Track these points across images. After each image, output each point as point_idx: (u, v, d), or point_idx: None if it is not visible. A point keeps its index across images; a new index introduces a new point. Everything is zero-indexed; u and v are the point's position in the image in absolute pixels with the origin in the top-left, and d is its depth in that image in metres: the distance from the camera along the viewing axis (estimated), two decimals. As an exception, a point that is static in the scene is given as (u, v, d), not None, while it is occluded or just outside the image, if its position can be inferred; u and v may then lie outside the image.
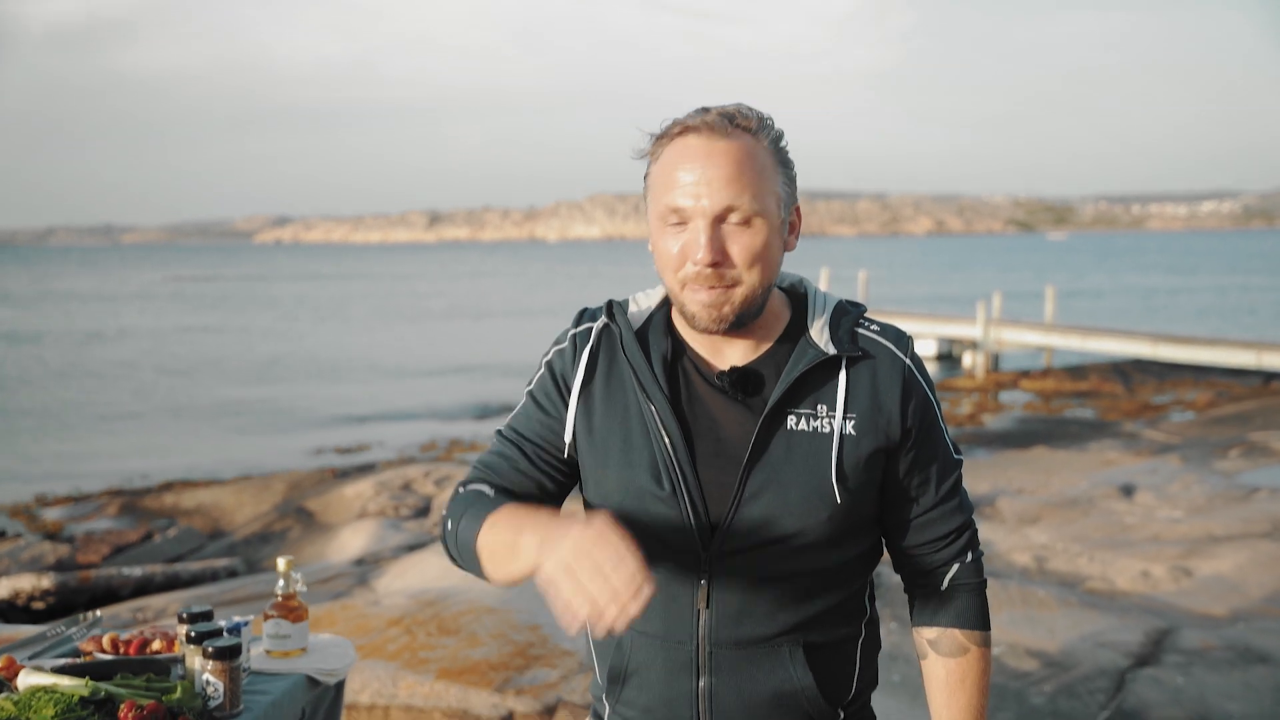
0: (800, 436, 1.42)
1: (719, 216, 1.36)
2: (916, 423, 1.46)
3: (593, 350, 1.50)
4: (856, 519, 1.46)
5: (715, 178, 1.36)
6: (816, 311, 1.49)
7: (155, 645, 1.91)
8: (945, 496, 1.51)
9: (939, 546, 1.52)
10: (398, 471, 10.30)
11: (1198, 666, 4.61)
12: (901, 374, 1.46)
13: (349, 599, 5.57)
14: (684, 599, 1.44)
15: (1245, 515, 7.52)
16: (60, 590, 5.70)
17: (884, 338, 1.49)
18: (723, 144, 1.37)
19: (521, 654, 4.30)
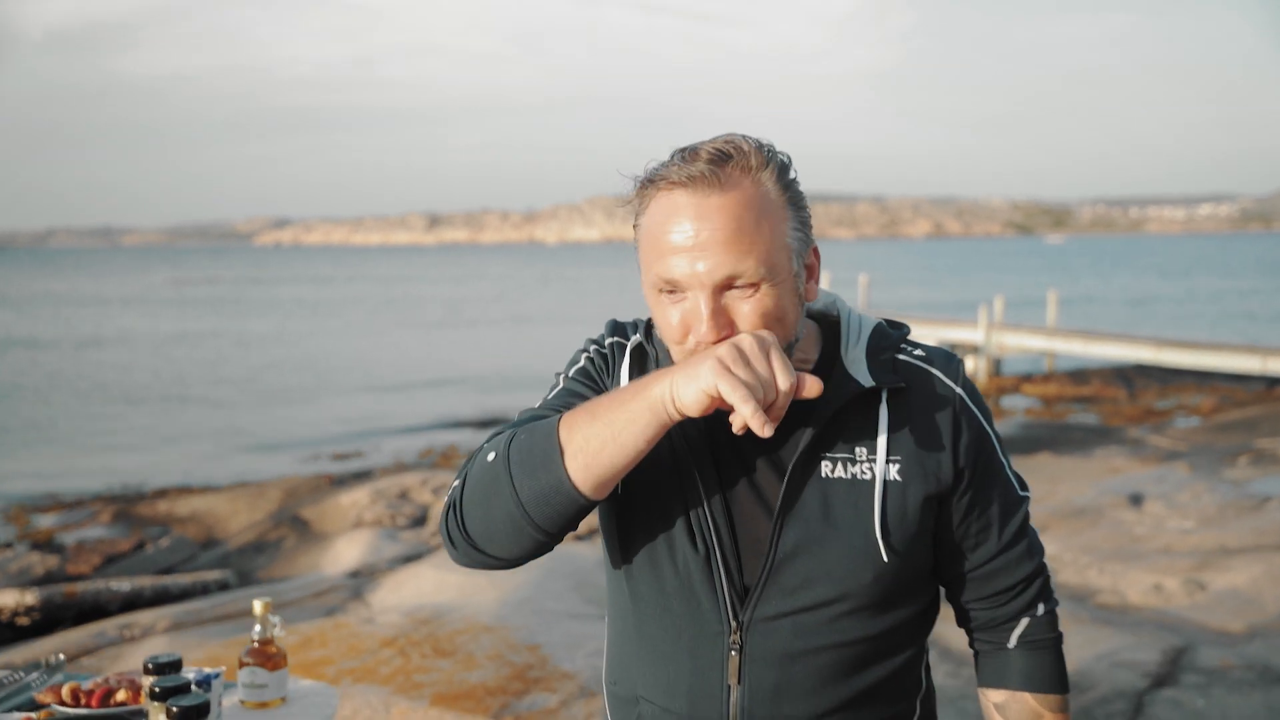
0: (838, 486, 1.24)
1: (720, 286, 1.18)
2: (971, 460, 1.28)
3: (630, 367, 1.34)
4: (907, 577, 1.28)
5: (711, 242, 1.17)
6: (851, 338, 1.32)
7: (120, 696, 1.76)
8: (1010, 541, 1.32)
9: (1005, 599, 1.34)
10: (394, 479, 10.17)
11: (1218, 687, 4.47)
12: (952, 405, 1.29)
13: (342, 614, 5.43)
14: (712, 673, 1.26)
15: (1258, 526, 7.38)
16: (45, 606, 5.54)
17: (930, 363, 1.31)
18: (717, 200, 1.17)
19: (520, 677, 4.14)
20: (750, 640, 1.25)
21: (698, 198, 1.18)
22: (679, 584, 1.26)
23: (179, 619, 5.51)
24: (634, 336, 1.37)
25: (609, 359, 1.37)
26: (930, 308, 32.18)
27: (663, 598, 1.28)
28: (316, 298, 54.09)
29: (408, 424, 15.85)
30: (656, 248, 1.20)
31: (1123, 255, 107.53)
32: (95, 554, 8.21)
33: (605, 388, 1.34)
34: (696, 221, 1.17)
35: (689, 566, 1.25)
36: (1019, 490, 1.35)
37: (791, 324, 1.23)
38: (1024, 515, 1.34)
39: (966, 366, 1.35)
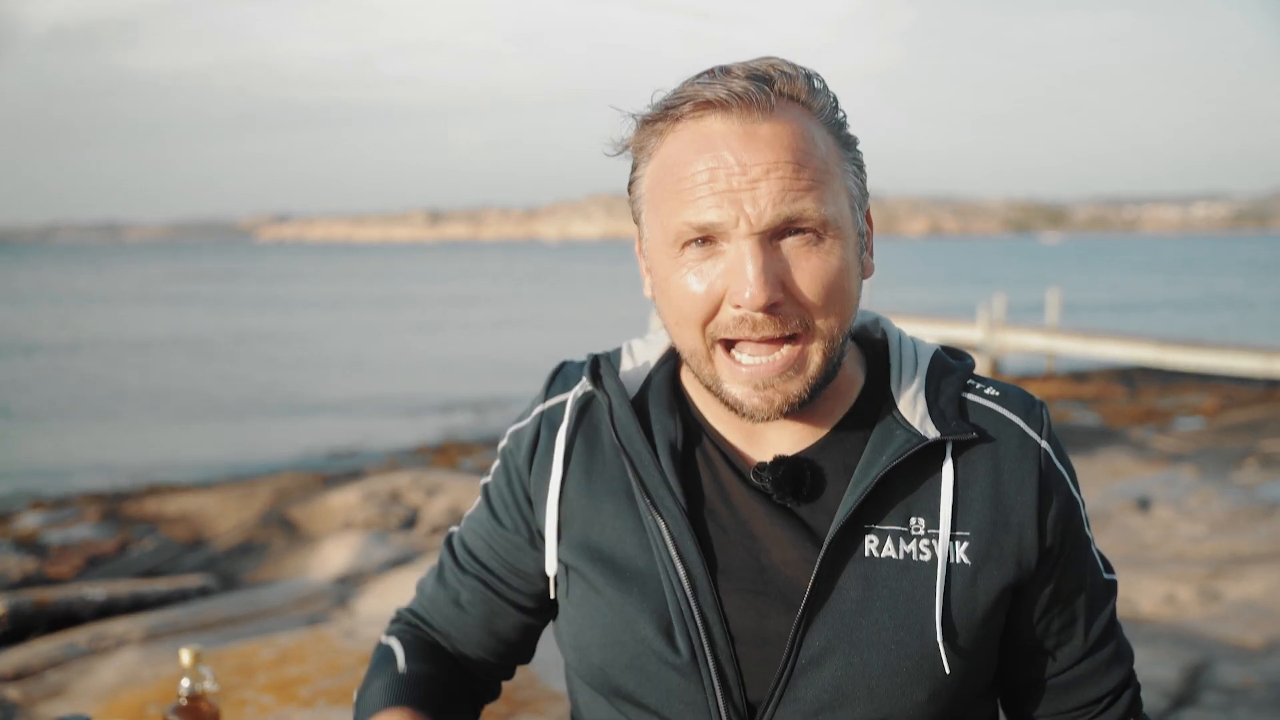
0: (887, 569, 0.94)
1: (774, 231, 0.90)
2: (1060, 537, 0.99)
3: (569, 433, 1.02)
4: (970, 692, 0.98)
5: (764, 174, 0.88)
6: (905, 369, 1.01)
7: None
8: (1098, 643, 1.03)
9: (1088, 715, 1.04)
10: (386, 479, 10.00)
11: (1241, 707, 4.28)
12: (1037, 464, 0.98)
13: (324, 625, 5.23)
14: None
15: (1271, 533, 7.21)
16: (14, 615, 5.33)
17: (1008, 408, 1.00)
18: (768, 125, 0.89)
19: (507, 699, 3.93)
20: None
21: (744, 123, 0.89)
22: (656, 704, 0.96)
23: (155, 629, 5.30)
24: (573, 391, 1.05)
25: (537, 436, 1.05)
26: (929, 307, 32.05)
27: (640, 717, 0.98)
28: (316, 295, 54.00)
29: (402, 420, 15.72)
30: (682, 190, 0.91)
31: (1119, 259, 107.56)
32: (77, 555, 8.05)
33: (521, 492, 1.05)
34: (743, 152, 0.88)
35: (669, 680, 0.95)
36: (1105, 573, 1.06)
37: (852, 304, 0.95)
38: (1112, 608, 1.06)
39: None
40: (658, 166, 0.95)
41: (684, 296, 0.92)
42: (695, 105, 0.91)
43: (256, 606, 5.84)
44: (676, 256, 0.93)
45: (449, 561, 1.10)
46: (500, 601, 1.06)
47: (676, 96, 0.93)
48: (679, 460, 0.98)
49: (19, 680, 4.51)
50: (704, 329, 0.92)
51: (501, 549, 1.07)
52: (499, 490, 1.08)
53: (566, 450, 1.02)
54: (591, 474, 1.02)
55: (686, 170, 0.91)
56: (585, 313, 37.29)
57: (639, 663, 0.95)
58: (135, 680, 4.38)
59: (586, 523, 1.00)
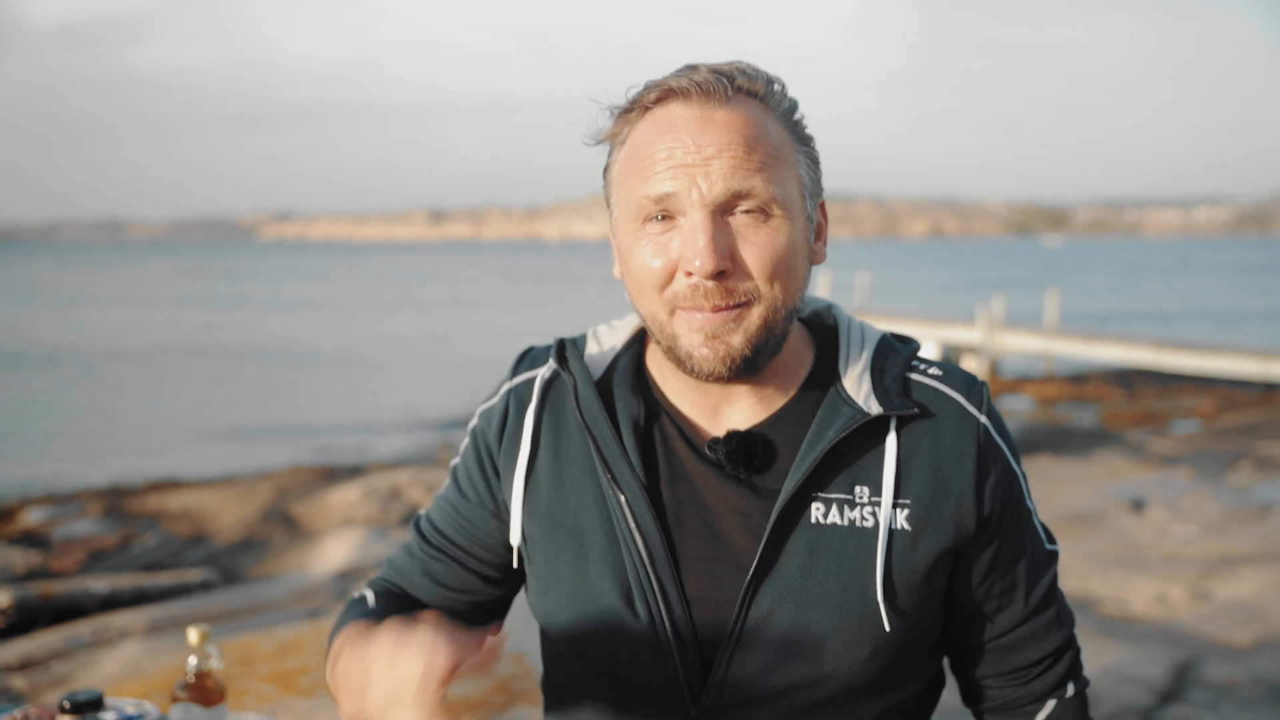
0: (832, 535, 1.00)
1: (723, 206, 0.97)
2: (999, 506, 1.04)
3: (538, 410, 1.08)
4: (911, 651, 1.04)
5: (717, 153, 0.96)
6: (852, 350, 1.08)
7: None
8: (1038, 607, 1.08)
9: (1029, 676, 1.10)
10: (386, 476, 10.06)
11: (1226, 704, 4.34)
12: (976, 438, 1.04)
13: (325, 618, 5.30)
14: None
15: (1263, 534, 7.26)
16: (20, 607, 5.40)
17: (949, 385, 1.06)
18: (723, 112, 0.97)
19: (503, 690, 4.00)
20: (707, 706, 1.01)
21: (702, 109, 0.98)
22: (619, 663, 1.03)
23: (157, 621, 5.37)
24: (540, 370, 1.12)
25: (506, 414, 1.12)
26: (928, 307, 32.07)
27: (599, 679, 1.04)
28: (318, 293, 54.02)
29: (402, 418, 15.77)
30: (644, 167, 0.99)
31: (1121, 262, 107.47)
32: (80, 550, 8.09)
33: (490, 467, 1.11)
34: (699, 134, 0.97)
35: (630, 641, 1.01)
36: (1047, 543, 1.12)
37: (799, 279, 1.02)
38: (1053, 575, 1.12)
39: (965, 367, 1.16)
40: (627, 151, 1.02)
41: (644, 268, 1.00)
42: (661, 93, 0.99)
43: (257, 600, 5.90)
44: (638, 231, 1.00)
45: (417, 540, 1.16)
46: (468, 574, 1.12)
47: (646, 87, 1.01)
48: (640, 437, 1.04)
49: (25, 670, 4.58)
50: (661, 294, 0.99)
51: (469, 523, 1.13)
52: (467, 467, 1.13)
53: (535, 427, 1.08)
54: (557, 451, 1.07)
55: (649, 150, 0.98)
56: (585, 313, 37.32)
57: (602, 627, 1.01)
58: (138, 671, 4.45)
59: (551, 497, 1.06)
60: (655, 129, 0.99)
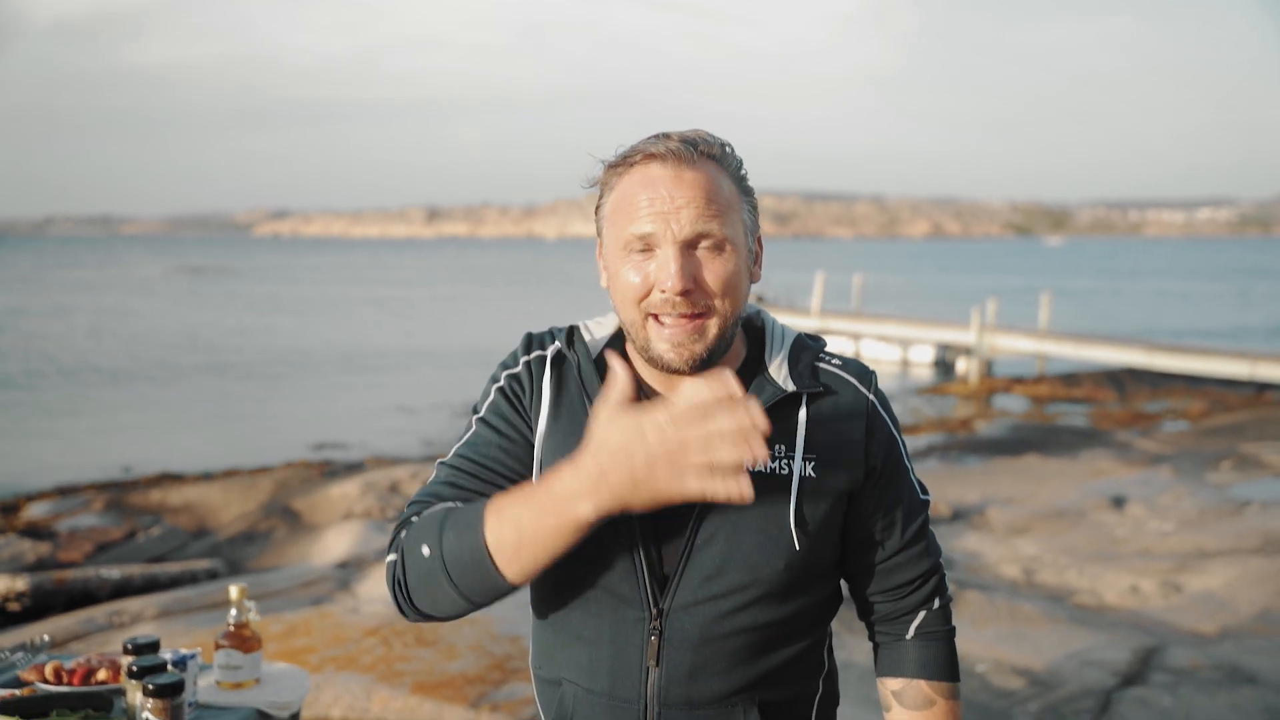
0: (756, 479, 1.27)
1: (689, 242, 1.30)
2: (881, 461, 1.39)
3: (551, 380, 1.41)
4: (816, 566, 1.37)
5: (685, 204, 1.29)
6: (775, 345, 1.42)
7: (101, 675, 1.84)
8: (911, 540, 1.43)
9: (904, 593, 1.45)
10: (385, 472, 10.23)
11: (1185, 686, 4.56)
12: (865, 410, 1.39)
13: (329, 604, 5.50)
14: (632, 656, 1.35)
15: (1236, 530, 7.48)
16: (36, 592, 5.61)
17: (847, 372, 1.42)
18: (690, 172, 1.31)
19: (499, 667, 4.22)
20: (668, 625, 1.33)
21: (675, 169, 1.30)
22: (600, 574, 1.34)
23: (167, 607, 5.59)
24: (552, 345, 1.44)
25: (530, 378, 1.42)
26: (926, 308, 32.29)
27: (584, 587, 1.35)
28: (314, 290, 54.12)
29: (400, 415, 15.92)
30: (631, 211, 1.31)
31: (1121, 260, 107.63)
32: (87, 542, 8.24)
33: (524, 414, 1.40)
34: (673, 188, 1.29)
35: (610, 557, 1.33)
36: (920, 494, 1.45)
37: (743, 295, 1.35)
38: (925, 517, 1.45)
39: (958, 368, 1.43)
40: (617, 196, 1.35)
41: (627, 284, 1.33)
42: (644, 156, 1.32)
43: (263, 588, 6.11)
44: (624, 257, 1.33)
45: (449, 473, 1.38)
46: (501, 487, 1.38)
47: (632, 150, 1.34)
48: None
49: (43, 651, 4.78)
50: (639, 305, 1.32)
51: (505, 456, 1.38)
52: (501, 412, 1.40)
53: (551, 393, 1.40)
54: (560, 410, 1.39)
55: (635, 199, 1.31)
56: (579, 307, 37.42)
57: (590, 544, 1.26)
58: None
59: (557, 442, 1.36)
60: (639, 183, 1.32)
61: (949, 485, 9.37)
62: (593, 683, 1.37)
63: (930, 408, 15.88)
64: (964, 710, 4.25)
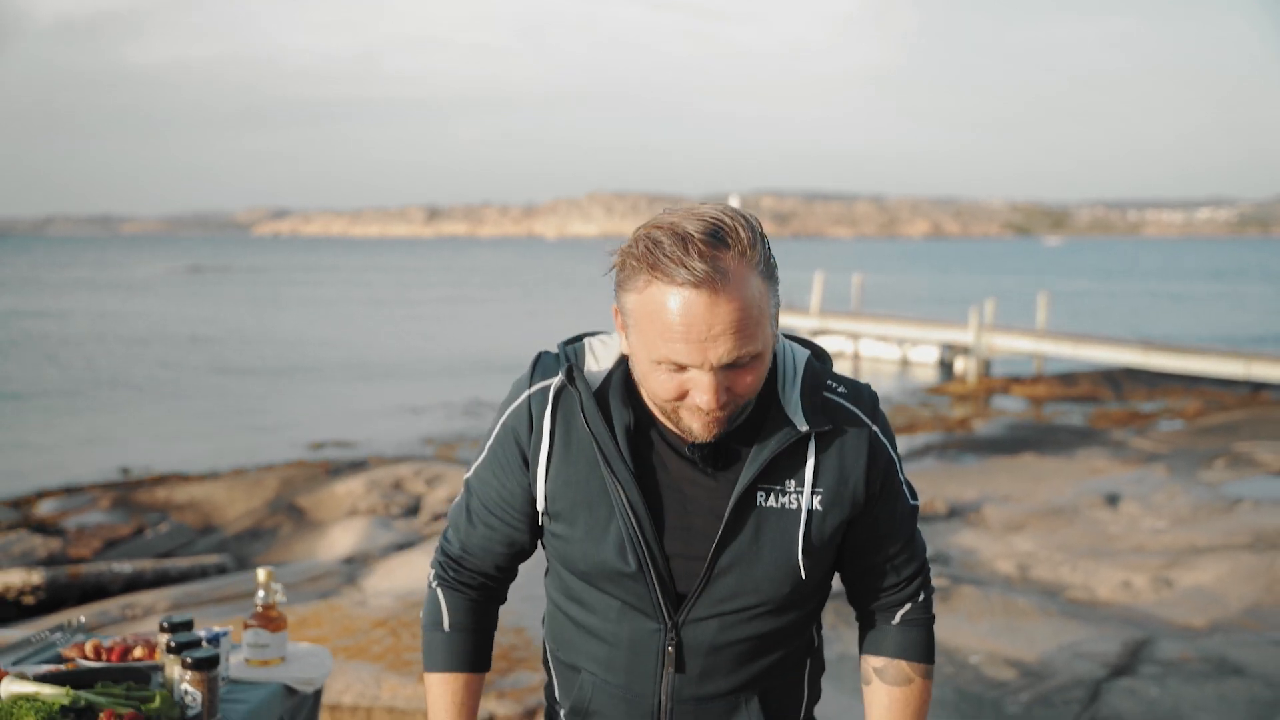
0: (769, 514, 1.41)
1: (725, 366, 1.31)
2: (880, 485, 1.47)
3: (552, 413, 1.45)
4: (816, 582, 1.49)
5: (721, 335, 1.27)
6: (788, 378, 1.44)
7: (137, 652, 1.95)
8: (901, 549, 1.53)
9: (895, 590, 1.55)
10: (389, 470, 10.32)
11: (1173, 678, 4.67)
12: (868, 442, 1.45)
13: (336, 598, 5.61)
14: (648, 659, 1.46)
15: (1228, 527, 7.59)
16: (50, 586, 5.73)
17: (852, 402, 1.47)
18: (724, 299, 1.26)
19: (504, 657, 4.34)
20: (683, 635, 1.44)
21: (704, 296, 1.26)
22: (619, 595, 1.44)
23: (178, 600, 5.70)
24: (555, 379, 1.46)
25: (530, 415, 1.45)
26: (925, 306, 32.40)
27: (605, 601, 1.47)
28: (315, 289, 54.20)
29: (402, 414, 16.02)
30: (660, 335, 1.28)
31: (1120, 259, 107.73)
32: (96, 538, 8.34)
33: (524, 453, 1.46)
34: (705, 320, 1.26)
35: (627, 585, 1.43)
36: (910, 500, 1.54)
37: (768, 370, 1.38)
38: (914, 524, 1.55)
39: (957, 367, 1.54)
40: (645, 301, 1.29)
41: (659, 387, 1.33)
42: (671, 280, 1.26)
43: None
44: (655, 365, 1.32)
45: (471, 504, 1.54)
46: (508, 529, 1.53)
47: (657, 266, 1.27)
48: (632, 439, 1.41)
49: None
50: (672, 402, 1.34)
51: (506, 497, 1.50)
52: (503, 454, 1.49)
53: (550, 428, 1.44)
54: (569, 445, 1.43)
55: (667, 319, 1.27)
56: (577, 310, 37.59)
57: (605, 571, 1.42)
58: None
59: (565, 478, 1.42)
60: (666, 304, 1.27)
61: (946, 484, 9.48)
62: (610, 675, 1.48)
63: (928, 407, 15.99)
64: (957, 699, 4.40)
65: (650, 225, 1.31)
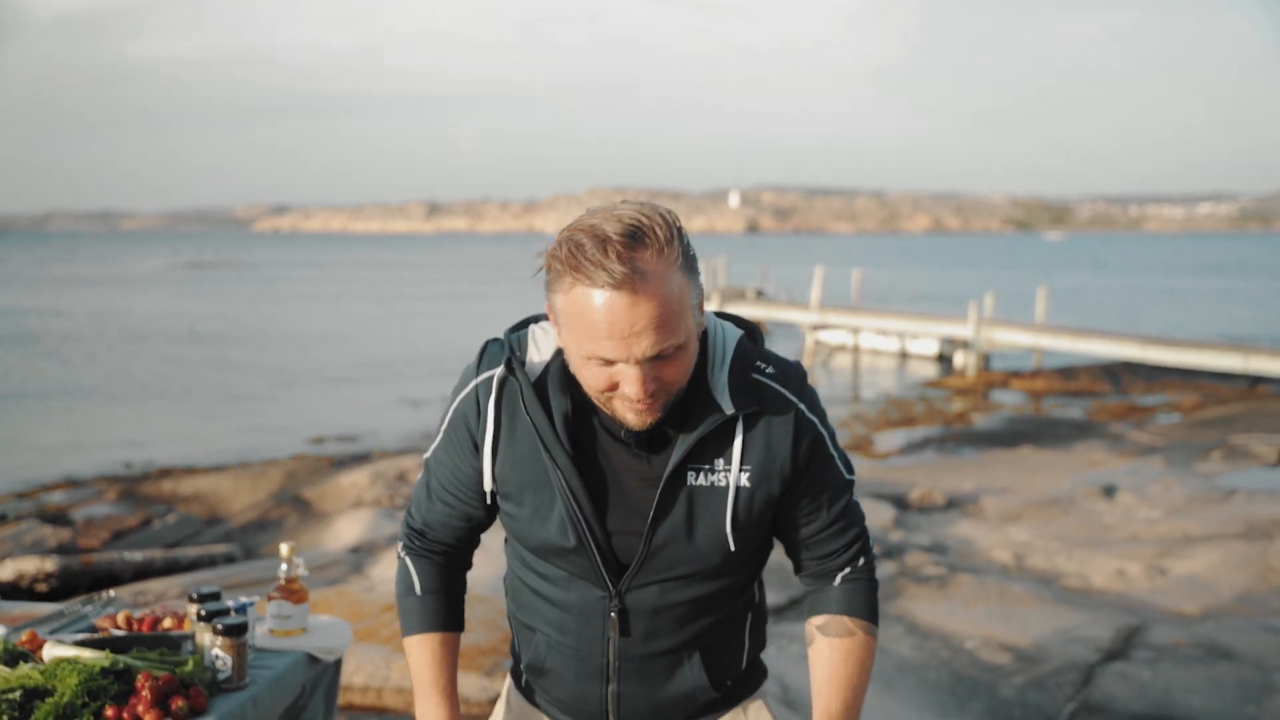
0: (700, 491, 1.50)
1: (650, 358, 1.37)
2: (806, 460, 1.53)
3: (496, 402, 1.52)
4: (750, 551, 1.58)
5: (644, 328, 1.34)
6: (717, 361, 1.51)
7: (166, 623, 2.06)
8: (836, 518, 1.59)
9: (832, 558, 1.62)
10: (392, 462, 10.42)
11: (1165, 662, 4.77)
12: (794, 419, 1.51)
13: (344, 585, 5.72)
14: (595, 622, 1.56)
15: (1222, 517, 7.69)
16: (63, 573, 5.84)
17: (779, 382, 1.53)
18: (644, 297, 1.33)
19: (509, 640, 4.44)
20: (626, 601, 1.55)
21: (625, 296, 1.32)
22: (566, 567, 1.55)
23: (188, 588, 5.80)
24: (497, 370, 1.53)
25: (476, 403, 1.54)
26: (924, 301, 32.49)
27: (554, 571, 1.57)
28: (316, 284, 54.28)
29: (403, 408, 16.12)
30: (586, 333, 1.35)
31: (1121, 254, 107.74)
32: (104, 529, 8.44)
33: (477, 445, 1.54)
34: (627, 318, 1.32)
35: (572, 558, 1.53)
36: (845, 475, 1.60)
37: (694, 359, 1.45)
38: (849, 496, 1.61)
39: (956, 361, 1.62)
40: (571, 301, 1.36)
41: (591, 380, 1.41)
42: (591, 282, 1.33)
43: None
44: (585, 358, 1.40)
45: (431, 483, 1.64)
46: (464, 506, 1.63)
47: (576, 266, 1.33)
48: (570, 425, 1.49)
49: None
50: (602, 393, 1.42)
51: (460, 478, 1.59)
52: (455, 438, 1.58)
53: (496, 416, 1.52)
54: (513, 430, 1.52)
55: (592, 318, 1.34)
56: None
57: (552, 547, 1.52)
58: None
59: (511, 461, 1.51)
60: (589, 304, 1.34)
61: (945, 476, 9.59)
62: (562, 637, 1.59)
63: (927, 401, 16.09)
64: (953, 682, 4.50)
65: (572, 228, 1.37)
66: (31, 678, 1.69)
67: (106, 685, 1.73)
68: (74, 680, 1.68)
